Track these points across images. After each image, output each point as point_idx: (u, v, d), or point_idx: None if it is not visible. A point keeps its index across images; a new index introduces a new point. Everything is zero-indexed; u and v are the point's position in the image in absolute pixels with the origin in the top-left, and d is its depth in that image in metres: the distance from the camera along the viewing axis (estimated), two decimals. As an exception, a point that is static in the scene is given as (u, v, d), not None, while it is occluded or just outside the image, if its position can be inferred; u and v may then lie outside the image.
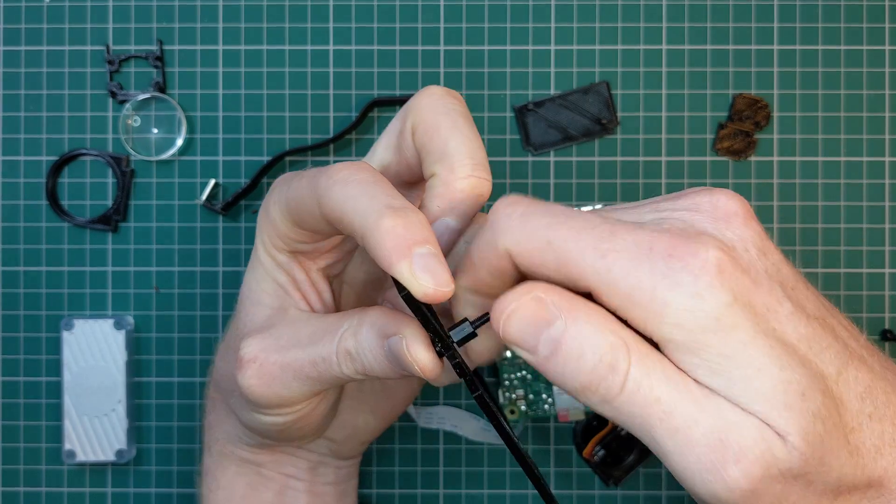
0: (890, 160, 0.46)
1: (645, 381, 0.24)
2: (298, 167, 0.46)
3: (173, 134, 0.46)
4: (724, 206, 0.26)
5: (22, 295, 0.46)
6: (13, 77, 0.46)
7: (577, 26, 0.46)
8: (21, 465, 0.46)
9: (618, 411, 0.25)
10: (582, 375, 0.25)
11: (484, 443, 0.46)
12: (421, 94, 0.30)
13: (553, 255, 0.25)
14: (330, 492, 0.39)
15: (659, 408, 0.24)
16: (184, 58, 0.46)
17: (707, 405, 0.24)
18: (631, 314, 0.25)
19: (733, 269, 0.24)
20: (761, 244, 0.26)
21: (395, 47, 0.46)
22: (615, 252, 0.25)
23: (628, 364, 0.24)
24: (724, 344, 0.24)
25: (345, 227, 0.28)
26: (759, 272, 0.25)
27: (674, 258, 0.24)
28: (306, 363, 0.30)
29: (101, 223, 0.46)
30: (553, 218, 0.25)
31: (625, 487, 0.46)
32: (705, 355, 0.24)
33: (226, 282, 0.46)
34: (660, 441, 0.25)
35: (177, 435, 0.46)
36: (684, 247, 0.24)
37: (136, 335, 0.46)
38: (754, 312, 0.24)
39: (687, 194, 0.27)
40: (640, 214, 0.27)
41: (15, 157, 0.46)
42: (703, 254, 0.24)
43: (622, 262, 0.24)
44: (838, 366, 0.26)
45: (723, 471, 0.24)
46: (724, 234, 0.25)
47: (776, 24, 0.46)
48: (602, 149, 0.46)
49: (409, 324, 0.28)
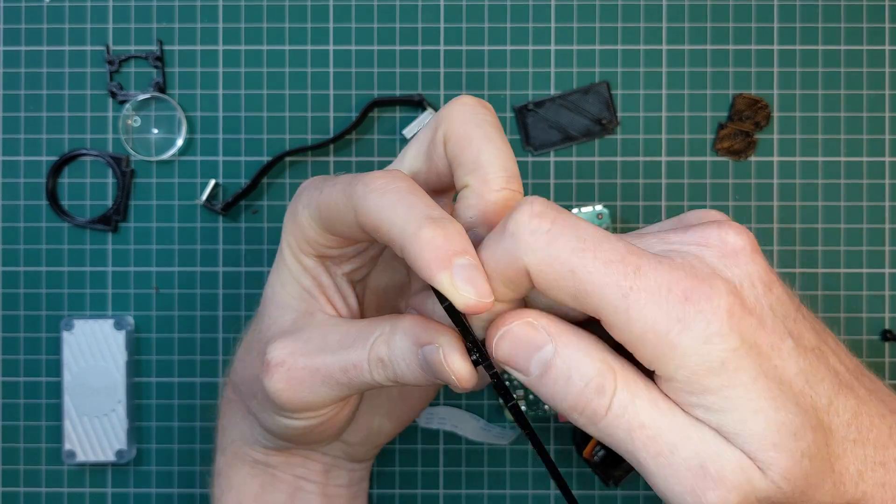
0: (890, 160, 0.46)
1: (630, 406, 0.26)
2: (298, 167, 0.46)
3: (173, 134, 0.46)
4: (732, 243, 0.27)
5: (22, 295, 0.46)
6: (13, 77, 0.46)
7: (577, 26, 0.46)
8: (21, 466, 0.46)
9: (603, 433, 0.26)
10: (570, 397, 0.26)
11: (484, 443, 0.46)
12: (452, 105, 0.30)
13: (574, 284, 0.25)
14: (342, 494, 0.39)
15: (643, 432, 0.26)
16: (184, 58, 0.46)
17: (692, 433, 0.26)
18: (639, 351, 0.25)
19: (742, 312, 0.25)
20: (766, 278, 0.27)
21: (395, 47, 0.46)
22: (637, 292, 0.25)
23: (614, 389, 0.26)
24: (726, 386, 0.25)
25: (382, 236, 0.28)
26: (764, 310, 0.26)
27: (689, 302, 0.25)
28: (336, 369, 0.30)
29: (101, 223, 0.46)
30: (579, 243, 0.25)
31: (625, 487, 0.46)
32: (706, 396, 0.25)
33: (226, 282, 0.46)
34: (643, 463, 0.26)
35: (177, 435, 0.46)
36: (699, 290, 0.25)
37: (136, 335, 0.46)
38: (758, 353, 0.25)
39: (695, 228, 0.27)
40: (649, 245, 0.27)
41: (15, 157, 0.46)
42: (717, 299, 0.25)
43: (642, 303, 0.25)
44: (830, 396, 0.27)
45: (702, 495, 0.25)
46: (733, 272, 0.26)
47: (776, 24, 0.46)
48: (602, 149, 0.46)
49: (445, 333, 0.28)
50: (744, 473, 0.25)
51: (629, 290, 0.25)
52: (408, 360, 0.29)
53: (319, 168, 0.46)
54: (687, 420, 0.26)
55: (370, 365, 0.30)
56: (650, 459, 0.26)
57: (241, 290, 0.46)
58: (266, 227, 0.46)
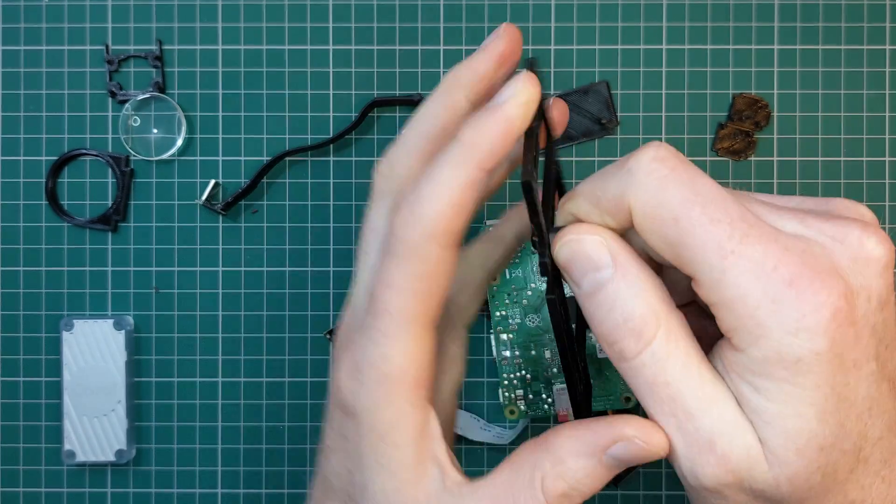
0: (890, 160, 0.46)
1: (662, 361, 0.25)
2: (298, 167, 0.46)
3: (173, 134, 0.46)
4: (870, 250, 0.25)
5: (22, 295, 0.46)
6: (13, 77, 0.46)
7: (577, 26, 0.46)
8: (21, 466, 0.46)
9: (625, 373, 0.26)
10: (605, 326, 0.26)
11: (484, 443, 0.46)
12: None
13: (673, 232, 0.25)
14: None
15: (664, 390, 0.25)
16: (183, 58, 0.46)
17: (713, 409, 0.25)
18: (720, 316, 0.25)
19: (845, 320, 0.24)
20: (884, 297, 0.25)
21: (395, 47, 0.46)
22: (737, 257, 0.24)
23: (652, 338, 0.25)
24: (787, 381, 0.24)
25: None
26: (864, 327, 0.25)
27: (792, 287, 0.24)
28: None
29: (101, 223, 0.46)
30: (692, 195, 0.24)
31: (625, 487, 0.46)
32: (762, 380, 0.24)
33: (226, 282, 0.46)
34: (655, 415, 0.26)
35: (177, 435, 0.46)
36: (808, 279, 0.24)
37: (135, 335, 0.46)
38: (839, 365, 0.24)
39: (838, 221, 0.26)
40: (783, 220, 0.26)
41: (15, 157, 0.46)
42: (825, 296, 0.24)
43: (740, 270, 0.24)
44: (883, 431, 0.26)
45: (699, 467, 0.25)
46: (857, 279, 0.25)
47: (776, 23, 0.46)
48: (602, 149, 0.46)
49: (626, 425, 0.26)
50: (748, 460, 0.25)
51: (729, 252, 0.24)
52: (591, 473, 0.27)
53: (319, 168, 0.46)
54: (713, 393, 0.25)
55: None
56: (661, 417, 0.26)
57: (240, 290, 0.46)
58: (266, 227, 0.46)
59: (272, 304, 0.46)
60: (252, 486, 0.46)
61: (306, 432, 0.46)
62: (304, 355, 0.46)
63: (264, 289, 0.46)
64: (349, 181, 0.46)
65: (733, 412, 0.25)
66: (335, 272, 0.46)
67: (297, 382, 0.46)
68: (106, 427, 0.45)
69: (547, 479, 0.27)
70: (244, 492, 0.46)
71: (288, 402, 0.46)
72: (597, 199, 0.26)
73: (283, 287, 0.46)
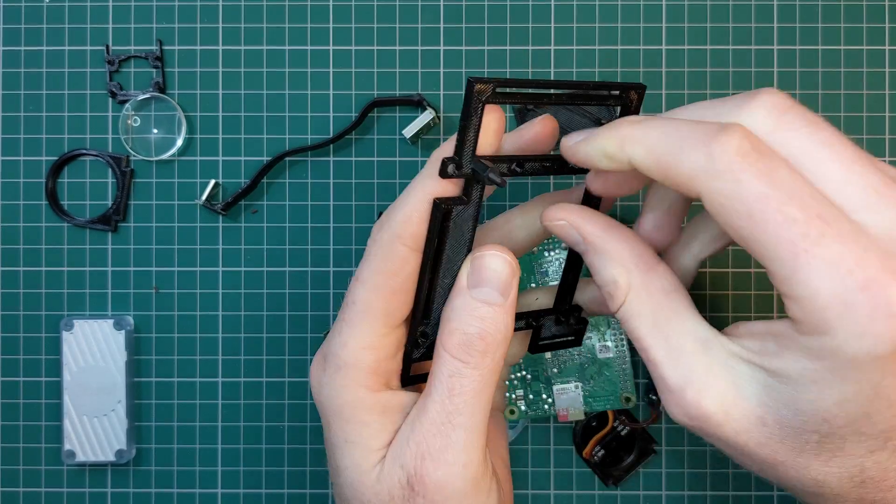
0: (890, 160, 0.46)
1: (633, 319, 0.29)
2: (298, 167, 0.46)
3: (173, 134, 0.46)
4: None
5: (22, 295, 0.46)
6: (13, 77, 0.46)
7: (576, 26, 0.46)
8: (21, 466, 0.46)
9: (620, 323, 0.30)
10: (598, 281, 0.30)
11: (484, 443, 0.46)
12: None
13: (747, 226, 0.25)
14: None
15: (640, 343, 0.29)
16: (183, 58, 0.46)
17: (680, 362, 0.28)
18: (788, 303, 0.25)
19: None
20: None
21: (395, 47, 0.46)
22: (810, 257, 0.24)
23: (622, 301, 0.29)
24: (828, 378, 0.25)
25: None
26: None
27: (866, 292, 0.23)
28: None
29: (101, 223, 0.46)
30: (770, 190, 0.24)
31: (624, 487, 0.46)
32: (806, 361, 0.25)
33: (225, 282, 0.46)
34: (643, 356, 0.29)
35: (176, 435, 0.46)
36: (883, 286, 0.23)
37: (135, 335, 0.46)
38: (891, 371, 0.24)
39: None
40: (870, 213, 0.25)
41: (15, 157, 0.46)
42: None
43: (812, 268, 0.24)
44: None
45: (666, 405, 0.28)
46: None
47: (776, 24, 0.46)
48: (602, 149, 0.46)
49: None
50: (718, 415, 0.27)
51: (802, 251, 0.24)
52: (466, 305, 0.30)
53: (319, 168, 0.46)
54: (679, 349, 0.28)
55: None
56: (645, 358, 0.29)
57: (240, 290, 0.46)
58: (266, 227, 0.46)
59: (272, 304, 0.46)
60: (252, 486, 0.46)
61: (306, 432, 0.46)
62: (304, 355, 0.46)
63: (264, 289, 0.46)
64: (349, 181, 0.46)
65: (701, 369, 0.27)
66: (335, 272, 0.46)
67: (297, 382, 0.46)
68: (106, 427, 0.45)
69: (444, 344, 0.30)
70: (244, 492, 0.46)
71: (288, 402, 0.46)
72: (667, 164, 0.26)
73: (283, 287, 0.46)
